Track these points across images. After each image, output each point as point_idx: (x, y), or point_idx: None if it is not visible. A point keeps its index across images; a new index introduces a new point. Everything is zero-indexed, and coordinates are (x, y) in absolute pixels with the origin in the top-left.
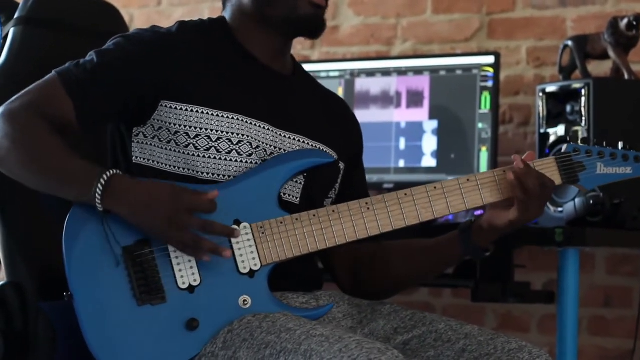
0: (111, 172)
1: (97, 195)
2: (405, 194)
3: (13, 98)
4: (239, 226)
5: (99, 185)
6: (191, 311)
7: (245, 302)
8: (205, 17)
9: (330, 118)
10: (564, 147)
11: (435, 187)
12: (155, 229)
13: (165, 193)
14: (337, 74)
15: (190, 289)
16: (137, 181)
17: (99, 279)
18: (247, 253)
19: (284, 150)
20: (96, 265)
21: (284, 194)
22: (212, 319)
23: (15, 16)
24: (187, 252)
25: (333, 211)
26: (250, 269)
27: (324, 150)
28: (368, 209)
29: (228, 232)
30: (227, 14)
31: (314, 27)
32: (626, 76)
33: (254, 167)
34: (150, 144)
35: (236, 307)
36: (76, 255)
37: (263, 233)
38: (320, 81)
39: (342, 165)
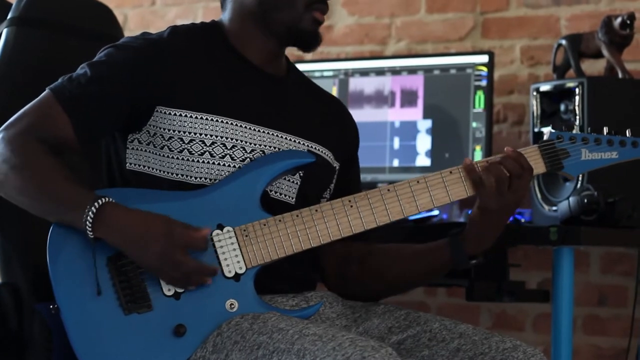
0: (103, 200)
1: (87, 223)
2: (388, 190)
3: (10, 121)
4: (222, 230)
5: (90, 214)
6: (178, 317)
7: (232, 306)
8: (199, 17)
9: (325, 117)
10: (547, 134)
11: (418, 182)
12: (147, 263)
13: (160, 228)
14: (331, 73)
15: (176, 295)
16: (130, 212)
17: (85, 290)
18: (231, 257)
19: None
20: (81, 276)
21: (279, 194)
22: (199, 324)
23: (9, 16)
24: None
25: (316, 210)
26: (236, 273)
27: (314, 149)
28: (351, 206)
29: (214, 272)
30: (225, 15)
31: (311, 43)
32: (620, 75)
33: (236, 170)
34: (145, 150)
35: (223, 311)
36: (61, 268)
37: (247, 236)
38: (314, 81)
39: (337, 165)
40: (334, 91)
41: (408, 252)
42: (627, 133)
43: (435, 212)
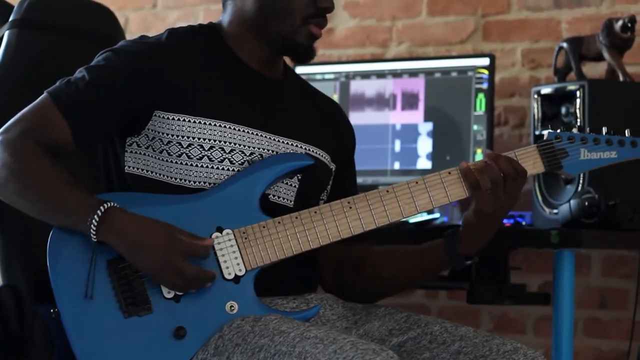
0: (107, 204)
1: (92, 227)
2: (387, 191)
3: (8, 125)
4: (221, 233)
5: (95, 217)
6: (178, 320)
7: (232, 308)
8: (200, 20)
9: (322, 120)
10: (546, 134)
11: (417, 182)
12: (148, 268)
13: (162, 235)
14: (332, 76)
15: (176, 297)
16: (134, 217)
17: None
18: (231, 259)
19: None
20: (81, 280)
21: (278, 197)
22: (199, 327)
23: (10, 19)
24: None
25: (315, 212)
26: (235, 275)
27: (312, 152)
28: (350, 207)
29: (213, 278)
30: (225, 17)
31: (304, 57)
32: (621, 78)
33: (235, 173)
34: (144, 154)
35: (223, 313)
36: (61, 271)
37: (246, 238)
38: (315, 84)
39: (333, 167)
40: (335, 94)
41: (403, 253)
42: (626, 133)
43: (437, 215)
